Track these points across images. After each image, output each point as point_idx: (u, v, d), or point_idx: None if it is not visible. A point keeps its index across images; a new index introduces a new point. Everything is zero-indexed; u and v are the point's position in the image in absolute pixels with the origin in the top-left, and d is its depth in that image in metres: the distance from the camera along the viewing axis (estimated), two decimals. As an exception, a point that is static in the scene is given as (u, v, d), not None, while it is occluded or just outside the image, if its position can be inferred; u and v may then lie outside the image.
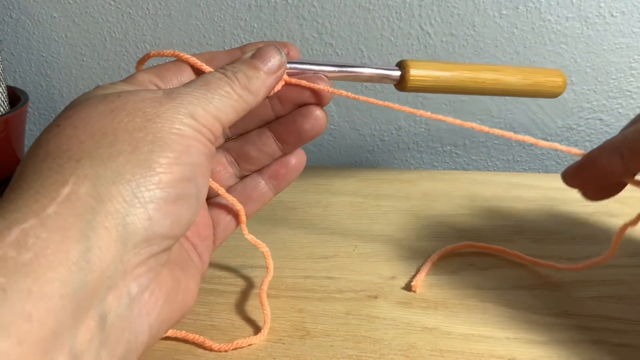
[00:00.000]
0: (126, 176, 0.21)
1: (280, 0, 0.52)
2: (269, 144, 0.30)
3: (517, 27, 0.51)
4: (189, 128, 0.23)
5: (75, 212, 0.19)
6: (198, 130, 0.23)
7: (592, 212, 0.41)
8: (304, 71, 0.29)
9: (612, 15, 0.49)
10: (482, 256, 0.37)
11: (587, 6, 0.49)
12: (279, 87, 0.28)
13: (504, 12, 0.51)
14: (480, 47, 0.52)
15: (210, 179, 0.28)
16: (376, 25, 0.52)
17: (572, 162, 0.30)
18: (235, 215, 0.31)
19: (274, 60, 0.27)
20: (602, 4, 0.49)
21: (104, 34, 0.56)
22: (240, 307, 0.32)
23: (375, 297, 0.33)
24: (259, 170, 0.31)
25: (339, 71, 0.29)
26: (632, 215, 0.42)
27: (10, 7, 0.55)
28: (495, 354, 0.28)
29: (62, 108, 0.66)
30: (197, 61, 0.27)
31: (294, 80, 0.28)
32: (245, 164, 0.31)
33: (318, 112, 0.29)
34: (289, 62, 0.28)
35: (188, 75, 0.27)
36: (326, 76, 0.29)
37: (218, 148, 0.31)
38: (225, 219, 0.31)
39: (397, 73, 0.30)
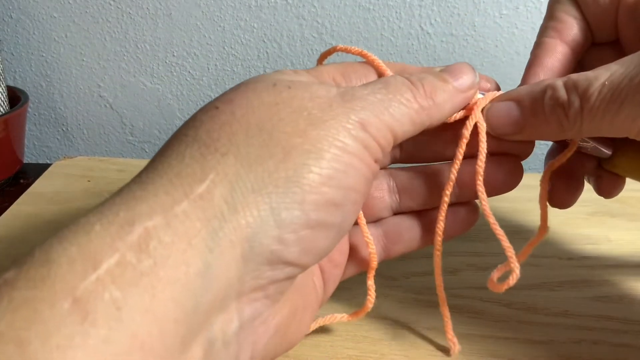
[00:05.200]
0: (269, 187, 0.18)
1: (280, 0, 0.52)
2: (442, 184, 0.25)
3: (517, 27, 0.51)
4: (355, 142, 0.20)
5: (204, 215, 0.17)
6: (365, 145, 0.20)
7: (592, 212, 0.41)
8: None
9: (612, 15, 0.50)
10: (482, 256, 0.37)
11: (587, 6, 0.49)
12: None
13: (504, 12, 0.51)
14: (481, 47, 0.52)
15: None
16: (376, 25, 0.52)
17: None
18: (376, 253, 0.27)
19: (467, 77, 0.23)
20: (602, 4, 0.49)
21: (104, 34, 0.56)
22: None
23: (376, 297, 0.33)
24: (419, 212, 0.27)
25: None
26: (633, 215, 0.42)
27: (10, 7, 0.55)
28: (495, 354, 0.28)
29: (62, 108, 0.67)
30: (382, 64, 0.24)
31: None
32: (408, 200, 0.26)
33: (516, 164, 0.25)
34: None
35: (369, 79, 0.24)
36: None
37: (382, 170, 0.27)
38: (365, 252, 0.26)
39: (609, 152, 0.26)
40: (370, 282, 0.27)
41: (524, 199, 0.43)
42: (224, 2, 0.53)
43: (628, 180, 0.28)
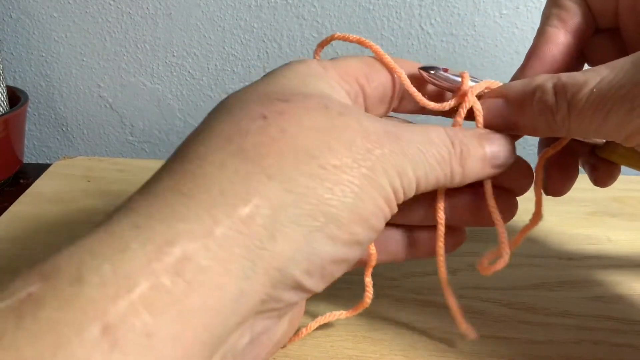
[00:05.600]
0: (308, 219, 0.18)
1: (280, 0, 0.52)
2: (436, 206, 0.25)
3: (517, 27, 0.51)
4: (389, 188, 0.20)
5: (244, 242, 0.17)
6: (395, 192, 0.20)
7: (592, 211, 0.41)
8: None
9: (612, 15, 0.50)
10: (482, 256, 0.37)
11: (587, 6, 0.49)
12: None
13: (504, 11, 0.51)
14: (481, 47, 0.52)
15: None
16: (376, 25, 0.52)
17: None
18: (364, 259, 0.27)
19: (502, 153, 0.23)
20: (602, 4, 0.49)
21: (104, 34, 0.56)
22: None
23: (376, 297, 0.33)
24: (408, 227, 0.27)
25: None
26: (633, 215, 0.42)
27: (10, 7, 0.55)
28: (495, 354, 0.28)
29: (62, 108, 0.66)
30: (382, 52, 0.25)
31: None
32: (400, 215, 0.25)
33: (514, 201, 0.26)
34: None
35: (385, 77, 0.25)
36: None
37: None
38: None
39: (602, 140, 0.27)
40: (368, 279, 0.28)
41: (523, 198, 0.43)
42: (224, 2, 0.53)
43: (628, 180, 0.29)
